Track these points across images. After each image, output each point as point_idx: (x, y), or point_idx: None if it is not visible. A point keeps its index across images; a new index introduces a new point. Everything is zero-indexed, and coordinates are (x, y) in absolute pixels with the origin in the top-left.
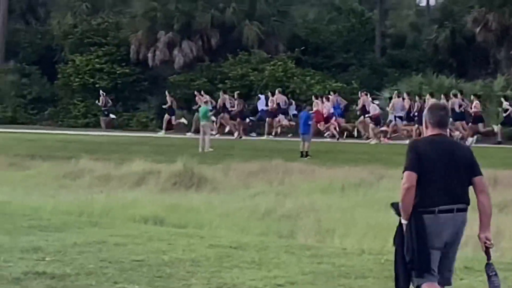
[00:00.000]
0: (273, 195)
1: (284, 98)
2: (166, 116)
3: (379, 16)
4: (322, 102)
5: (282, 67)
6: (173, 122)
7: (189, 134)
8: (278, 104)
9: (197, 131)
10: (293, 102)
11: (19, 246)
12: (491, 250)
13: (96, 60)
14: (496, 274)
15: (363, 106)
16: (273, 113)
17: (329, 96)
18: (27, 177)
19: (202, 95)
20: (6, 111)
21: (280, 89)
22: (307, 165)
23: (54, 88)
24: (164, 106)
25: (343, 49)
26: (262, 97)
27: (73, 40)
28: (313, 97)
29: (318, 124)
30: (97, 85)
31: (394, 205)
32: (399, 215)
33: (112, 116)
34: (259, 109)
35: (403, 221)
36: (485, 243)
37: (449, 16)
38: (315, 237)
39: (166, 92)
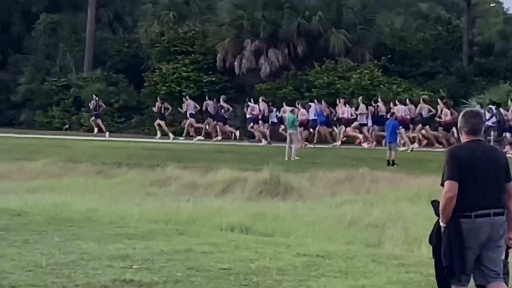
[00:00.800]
0: (359, 203)
1: (266, 105)
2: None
3: (466, 24)
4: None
5: (369, 75)
6: (164, 127)
7: (196, 139)
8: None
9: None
10: (274, 110)
11: (107, 253)
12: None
13: (183, 68)
14: (507, 273)
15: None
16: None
17: (311, 103)
18: (114, 184)
19: (187, 99)
20: None
21: (263, 97)
22: (394, 173)
23: (141, 96)
24: (154, 109)
25: (430, 57)
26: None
27: (160, 49)
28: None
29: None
30: (183, 93)
31: (434, 204)
32: (437, 215)
33: (99, 120)
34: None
35: (442, 224)
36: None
37: None
38: (403, 246)
39: (158, 98)
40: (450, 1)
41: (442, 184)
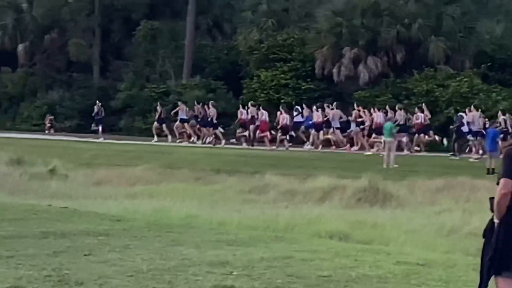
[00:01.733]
0: (459, 212)
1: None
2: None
3: None
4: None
5: (468, 83)
6: (164, 129)
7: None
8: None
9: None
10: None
11: (207, 259)
12: None
13: (282, 75)
14: None
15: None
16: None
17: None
18: (213, 191)
19: (180, 104)
20: None
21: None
22: (494, 182)
23: (239, 104)
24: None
25: None
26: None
27: (259, 56)
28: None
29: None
30: (282, 101)
31: (491, 201)
32: (492, 211)
33: (99, 127)
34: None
35: (496, 220)
36: None
37: None
38: None
39: (158, 103)
40: None
41: (498, 183)
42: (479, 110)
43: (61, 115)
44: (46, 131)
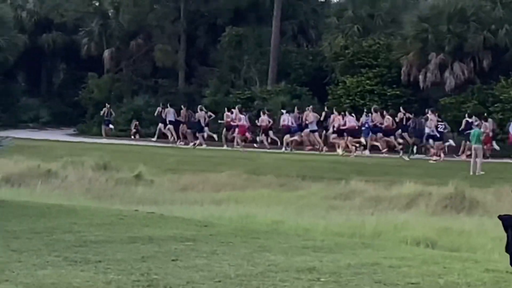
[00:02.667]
0: None
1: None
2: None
3: None
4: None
5: None
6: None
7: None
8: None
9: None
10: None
11: (294, 266)
12: None
13: (367, 81)
14: None
15: None
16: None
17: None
18: (298, 197)
19: (168, 107)
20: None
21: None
22: None
23: (325, 109)
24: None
25: None
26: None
27: (344, 62)
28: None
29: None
30: (367, 107)
31: (503, 218)
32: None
33: (111, 126)
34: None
35: None
36: None
37: None
38: None
39: (161, 104)
40: None
41: None
42: None
43: (146, 121)
44: (132, 137)
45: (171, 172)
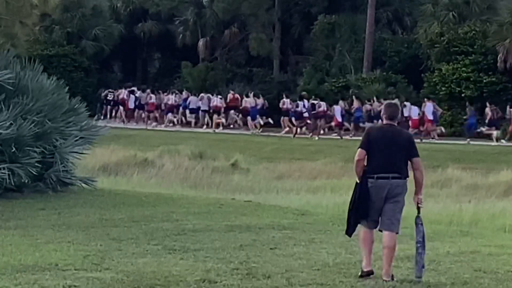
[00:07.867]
0: None
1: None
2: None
3: None
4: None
5: None
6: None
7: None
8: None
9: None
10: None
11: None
12: (420, 207)
13: (463, 69)
14: (422, 224)
15: None
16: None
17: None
18: None
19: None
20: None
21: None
22: None
23: (420, 97)
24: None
25: None
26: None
27: (440, 49)
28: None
29: None
30: (463, 94)
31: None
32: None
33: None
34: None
35: (357, 180)
36: (418, 202)
37: None
38: None
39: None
40: None
41: None
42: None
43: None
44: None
45: (267, 161)
